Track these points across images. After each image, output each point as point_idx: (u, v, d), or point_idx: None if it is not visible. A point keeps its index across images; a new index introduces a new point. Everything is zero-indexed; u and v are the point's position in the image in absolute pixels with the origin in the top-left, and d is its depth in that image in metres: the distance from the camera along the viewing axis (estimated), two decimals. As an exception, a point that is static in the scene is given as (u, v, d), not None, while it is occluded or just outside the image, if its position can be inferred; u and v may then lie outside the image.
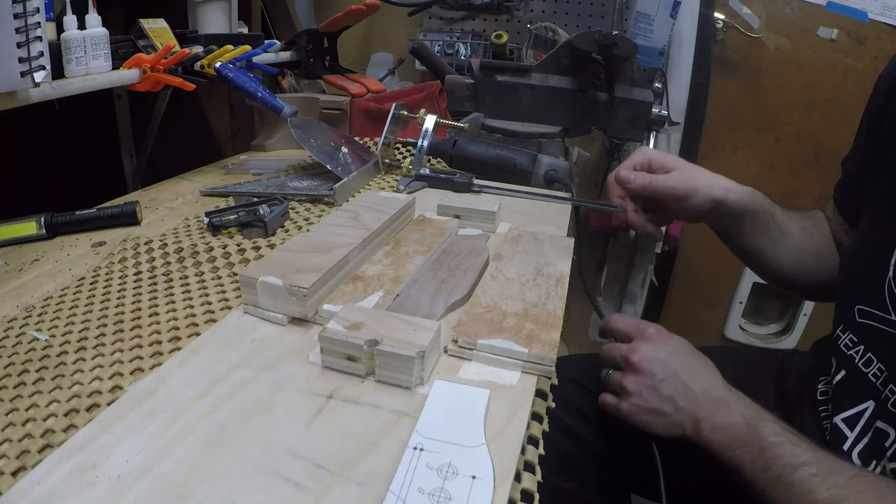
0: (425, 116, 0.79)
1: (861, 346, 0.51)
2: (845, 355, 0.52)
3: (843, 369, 0.52)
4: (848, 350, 0.52)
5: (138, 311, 0.46)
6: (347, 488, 0.29)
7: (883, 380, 0.48)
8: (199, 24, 0.92)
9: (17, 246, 0.59)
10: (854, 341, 0.51)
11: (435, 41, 1.28)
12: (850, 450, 0.49)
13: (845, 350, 0.52)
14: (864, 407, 0.49)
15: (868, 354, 0.50)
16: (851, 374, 0.51)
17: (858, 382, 0.50)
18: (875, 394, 0.48)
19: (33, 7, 0.53)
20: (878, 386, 0.48)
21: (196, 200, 0.72)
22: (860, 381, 0.50)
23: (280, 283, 0.42)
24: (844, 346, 0.52)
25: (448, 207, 0.62)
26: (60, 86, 0.62)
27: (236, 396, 0.35)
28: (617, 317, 0.57)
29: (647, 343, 0.52)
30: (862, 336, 0.51)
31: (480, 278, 0.49)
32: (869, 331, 0.50)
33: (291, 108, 0.76)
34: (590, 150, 1.25)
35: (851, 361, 0.51)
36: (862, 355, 0.50)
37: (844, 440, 0.50)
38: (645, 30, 1.11)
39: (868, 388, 0.49)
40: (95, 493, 0.28)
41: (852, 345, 0.52)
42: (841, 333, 0.53)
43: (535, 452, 0.34)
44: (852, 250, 0.58)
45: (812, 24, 1.21)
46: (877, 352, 0.49)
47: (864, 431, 0.49)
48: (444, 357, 0.40)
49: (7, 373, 0.38)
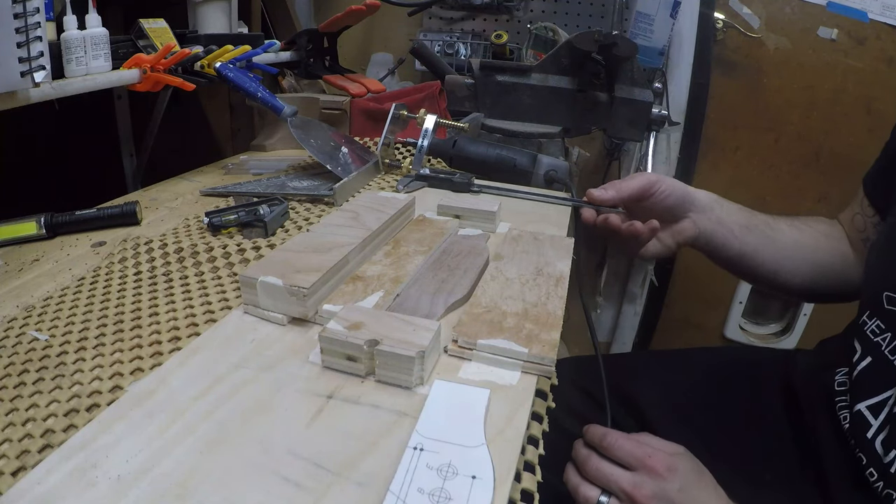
0: (425, 116, 0.79)
1: (889, 332, 0.50)
2: (872, 342, 0.51)
3: (869, 356, 0.51)
4: (875, 336, 0.51)
5: (138, 311, 0.46)
6: (347, 488, 0.29)
7: None
8: (199, 24, 0.92)
9: (17, 246, 0.59)
10: (881, 328, 0.51)
11: (435, 41, 1.28)
12: (874, 438, 0.48)
13: (872, 336, 0.51)
14: (889, 394, 0.48)
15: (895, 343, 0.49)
16: (878, 362, 0.50)
17: (885, 370, 0.49)
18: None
19: (33, 7, 0.53)
20: None
21: (196, 200, 0.72)
22: (887, 368, 0.49)
23: (280, 283, 0.42)
24: (871, 332, 0.51)
25: (448, 207, 0.62)
26: (60, 86, 0.62)
27: (236, 396, 0.35)
28: (613, 436, 0.50)
29: (655, 480, 0.47)
30: (890, 323, 0.50)
31: (480, 278, 0.49)
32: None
33: (291, 108, 0.76)
34: (590, 150, 1.25)
35: (878, 348, 0.50)
36: (889, 342, 0.49)
37: (868, 428, 0.49)
38: (645, 30, 1.11)
39: (895, 376, 0.48)
40: (95, 493, 0.28)
41: (879, 331, 0.51)
42: (868, 319, 0.52)
43: (535, 452, 0.34)
44: (882, 237, 0.56)
45: (812, 24, 1.21)
46: None
47: (888, 420, 0.48)
48: (444, 357, 0.40)
49: (7, 373, 0.38)
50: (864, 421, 0.50)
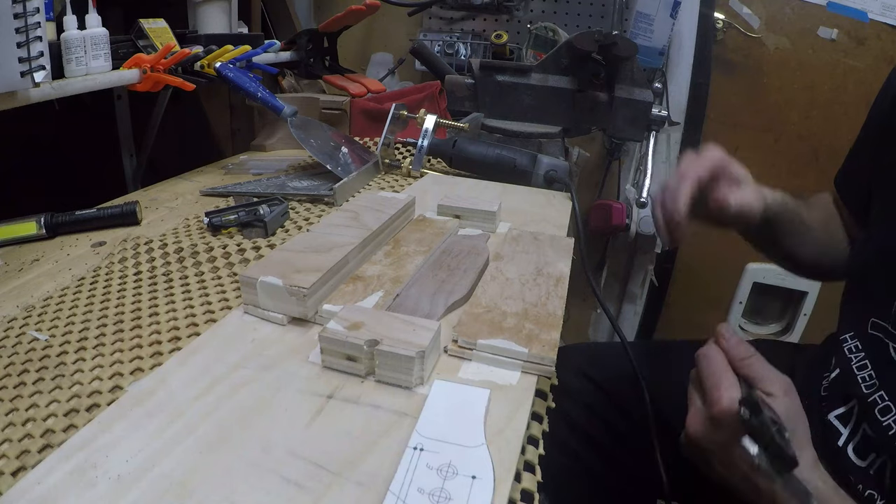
0: (425, 116, 0.79)
1: (863, 352, 0.51)
2: (845, 357, 0.52)
3: (839, 368, 0.53)
4: (849, 354, 0.52)
5: (138, 311, 0.46)
6: (347, 488, 0.29)
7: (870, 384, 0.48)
8: (199, 24, 0.92)
9: (17, 246, 0.59)
10: (858, 347, 0.52)
11: (435, 41, 1.28)
12: (846, 445, 0.50)
13: (847, 353, 0.52)
14: (852, 405, 0.50)
15: (865, 361, 0.50)
16: (844, 373, 0.52)
17: (850, 380, 0.50)
18: (860, 394, 0.49)
19: (33, 7, 0.53)
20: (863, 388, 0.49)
21: (196, 200, 0.72)
22: (851, 378, 0.50)
23: (280, 283, 0.42)
24: (848, 349, 0.52)
25: (448, 207, 0.62)
26: (60, 86, 0.62)
27: (236, 396, 0.35)
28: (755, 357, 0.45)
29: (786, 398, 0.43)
30: (869, 348, 0.51)
31: (480, 278, 0.49)
32: (876, 342, 0.50)
33: (291, 108, 0.76)
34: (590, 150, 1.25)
35: (848, 363, 0.52)
36: (859, 361, 0.51)
37: (838, 436, 0.50)
38: (645, 30, 1.11)
39: (856, 389, 0.49)
40: (95, 493, 0.28)
41: (856, 350, 0.52)
42: (849, 339, 0.53)
43: (535, 452, 0.34)
44: (869, 257, 0.55)
45: (812, 24, 1.21)
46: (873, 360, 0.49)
47: (856, 427, 0.49)
48: (444, 357, 0.40)
49: (7, 373, 0.38)
50: (834, 431, 0.51)
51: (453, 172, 0.84)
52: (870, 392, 0.48)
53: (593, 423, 0.66)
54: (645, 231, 1.22)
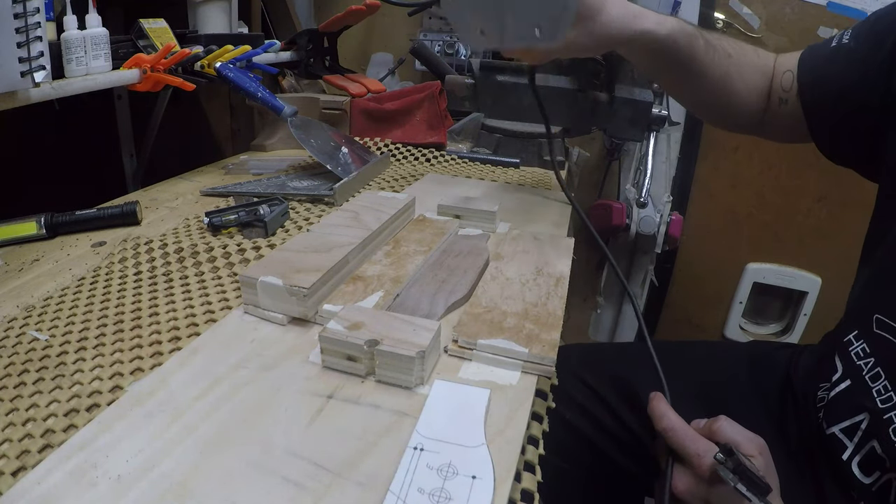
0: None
1: (872, 357, 0.49)
2: (854, 364, 0.50)
3: (849, 379, 0.50)
4: (858, 360, 0.50)
5: (138, 311, 0.46)
6: (347, 488, 0.29)
7: (885, 398, 0.46)
8: (199, 24, 0.92)
9: (17, 246, 0.59)
10: (867, 351, 0.50)
11: (435, 41, 1.29)
12: (850, 460, 0.48)
13: (855, 359, 0.50)
14: (861, 418, 0.48)
15: (877, 369, 0.48)
16: (856, 385, 0.49)
17: (861, 394, 0.48)
18: (873, 408, 0.47)
19: (33, 7, 0.53)
20: (878, 402, 0.47)
21: (196, 200, 0.72)
22: (863, 392, 0.48)
23: (280, 283, 0.42)
24: (856, 354, 0.50)
25: (448, 207, 0.62)
26: (60, 86, 0.62)
27: (236, 396, 0.35)
28: (724, 421, 0.45)
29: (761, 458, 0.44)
30: (876, 348, 0.49)
31: (480, 278, 0.49)
32: (884, 344, 0.48)
33: (291, 108, 0.76)
34: (590, 150, 1.25)
35: (860, 372, 0.49)
36: (871, 368, 0.48)
37: (843, 450, 0.49)
38: (645, 30, 1.11)
39: (868, 401, 0.47)
40: (95, 493, 0.28)
41: (864, 355, 0.50)
42: (854, 340, 0.51)
43: (535, 452, 0.34)
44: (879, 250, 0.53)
45: (812, 24, 1.21)
46: (887, 368, 0.47)
47: (862, 442, 0.48)
48: (444, 357, 0.40)
49: (7, 373, 0.38)
50: (838, 444, 0.49)
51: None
52: (886, 408, 0.46)
53: (585, 424, 0.66)
54: (645, 231, 1.22)
